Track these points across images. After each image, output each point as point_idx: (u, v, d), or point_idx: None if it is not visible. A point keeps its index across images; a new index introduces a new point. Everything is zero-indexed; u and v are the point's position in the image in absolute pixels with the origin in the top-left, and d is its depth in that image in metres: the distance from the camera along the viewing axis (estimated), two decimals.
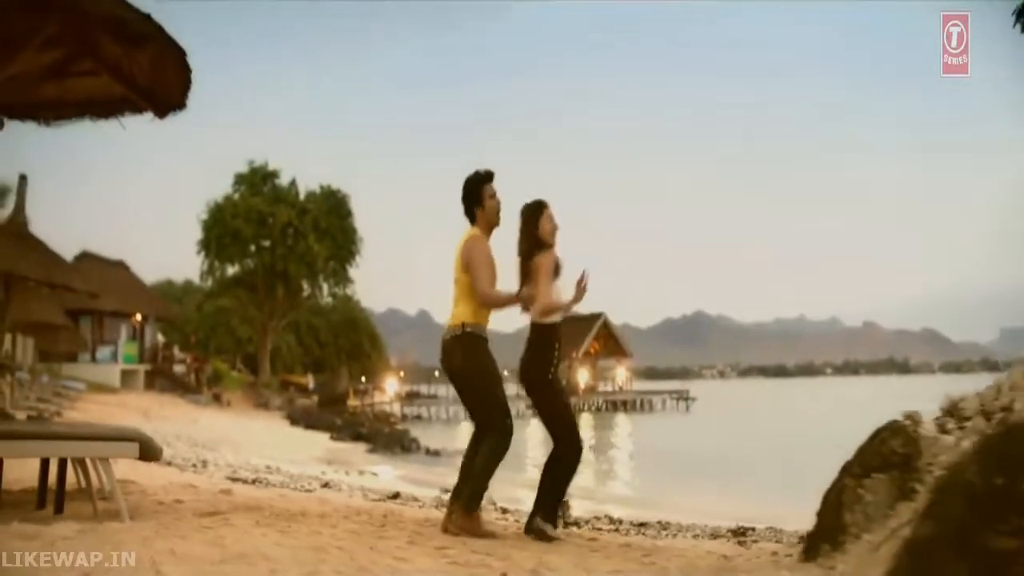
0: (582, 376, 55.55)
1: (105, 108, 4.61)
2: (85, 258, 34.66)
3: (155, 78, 4.07)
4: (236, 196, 42.88)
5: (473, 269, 4.51)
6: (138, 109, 4.50)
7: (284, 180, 44.33)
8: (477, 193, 4.69)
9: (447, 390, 54.56)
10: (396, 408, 44.15)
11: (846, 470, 3.30)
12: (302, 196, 43.93)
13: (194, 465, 11.09)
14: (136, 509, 4.22)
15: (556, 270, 4.63)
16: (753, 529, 8.39)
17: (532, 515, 4.59)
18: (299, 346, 55.85)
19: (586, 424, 40.82)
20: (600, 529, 7.06)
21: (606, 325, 58.69)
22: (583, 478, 19.74)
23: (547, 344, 4.63)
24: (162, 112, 4.39)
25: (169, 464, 10.61)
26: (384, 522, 4.57)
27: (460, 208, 4.76)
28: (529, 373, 4.60)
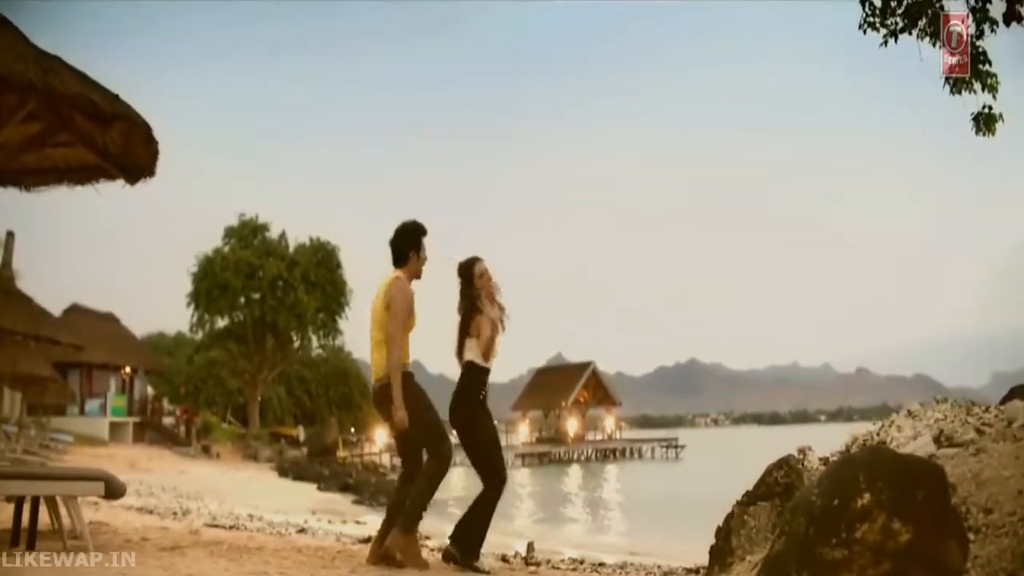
0: (571, 425, 55.65)
1: (81, 176, 5.02)
2: (74, 311, 34.89)
3: (125, 150, 4.47)
4: (226, 249, 43.36)
5: (392, 310, 4.81)
6: (111, 176, 4.90)
7: (274, 233, 44.95)
8: (417, 242, 5.03)
9: None
10: (385, 459, 44.17)
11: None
12: (291, 249, 44.51)
13: (174, 513, 11.30)
14: (104, 545, 4.54)
15: (498, 324, 5.02)
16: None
17: (451, 544, 4.84)
18: (289, 397, 55.81)
19: (574, 474, 40.87)
20: (557, 568, 7.34)
21: (595, 374, 58.96)
22: (568, 524, 19.92)
23: (474, 383, 4.97)
24: (133, 180, 4.80)
25: (150, 513, 10.84)
26: (335, 556, 4.88)
27: (449, 254, 5.12)
28: (454, 408, 4.96)
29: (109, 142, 4.53)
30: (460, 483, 25.90)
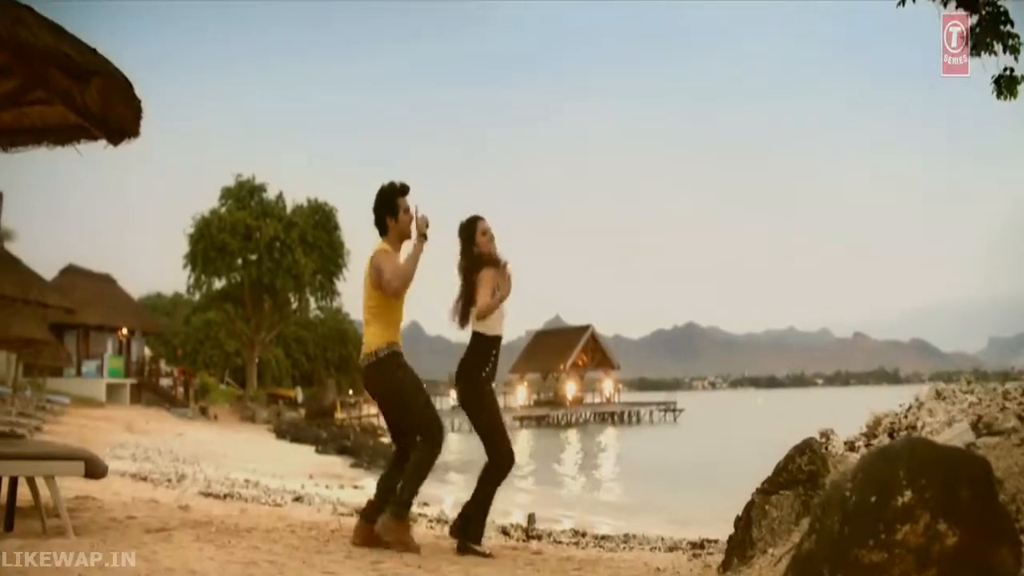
0: (569, 388, 55.66)
1: (61, 136, 4.73)
2: (70, 272, 34.63)
3: (105, 108, 4.19)
4: (223, 210, 42.95)
5: (381, 274, 4.55)
6: (92, 137, 4.61)
7: (271, 194, 44.52)
8: (393, 203, 4.71)
9: (434, 402, 54.58)
10: (383, 421, 44.11)
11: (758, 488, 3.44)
12: (289, 210, 44.09)
13: (169, 480, 11.14)
14: (86, 526, 4.33)
15: (502, 279, 4.76)
16: (715, 541, 8.52)
17: (458, 522, 4.67)
18: (287, 359, 55.71)
19: (573, 438, 40.88)
20: (560, 542, 7.17)
21: (594, 337, 58.88)
22: (567, 490, 19.85)
23: (480, 352, 4.70)
24: (116, 140, 4.50)
25: (144, 479, 10.67)
26: (330, 537, 4.67)
27: (449, 213, 4.85)
28: (458, 379, 4.72)
29: (89, 100, 4.23)
30: (457, 447, 25.89)
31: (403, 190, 4.74)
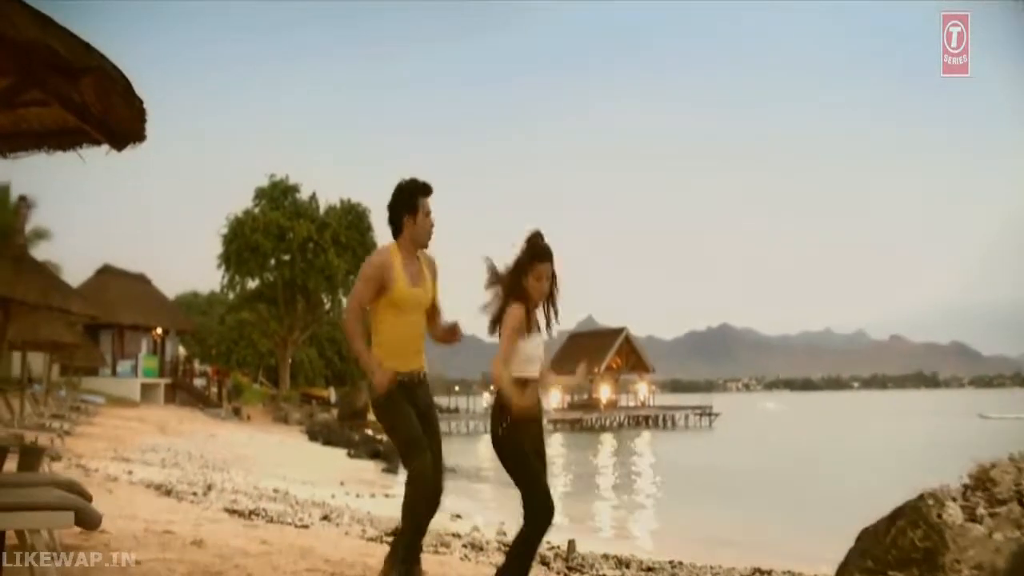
0: (604, 391, 55.18)
1: (61, 140, 4.31)
2: (105, 272, 34.82)
3: (104, 109, 3.75)
4: (256, 210, 43.06)
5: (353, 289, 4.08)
6: (94, 141, 4.17)
7: (304, 194, 44.50)
8: (414, 202, 4.11)
9: (467, 402, 54.49)
10: None
11: (852, 562, 2.88)
12: (322, 210, 44.15)
13: (194, 493, 10.78)
14: None
15: (528, 324, 4.14)
16: (769, 572, 7.99)
17: None
18: (320, 359, 55.76)
19: (608, 445, 40.29)
20: (603, 575, 6.69)
21: (628, 340, 58.25)
22: (606, 507, 19.29)
23: (505, 402, 4.03)
24: (119, 144, 4.06)
25: (168, 493, 10.32)
26: None
27: (479, 212, 4.29)
28: (492, 429, 4.15)
29: (88, 100, 3.78)
30: (487, 455, 25.43)
31: (425, 190, 4.15)
